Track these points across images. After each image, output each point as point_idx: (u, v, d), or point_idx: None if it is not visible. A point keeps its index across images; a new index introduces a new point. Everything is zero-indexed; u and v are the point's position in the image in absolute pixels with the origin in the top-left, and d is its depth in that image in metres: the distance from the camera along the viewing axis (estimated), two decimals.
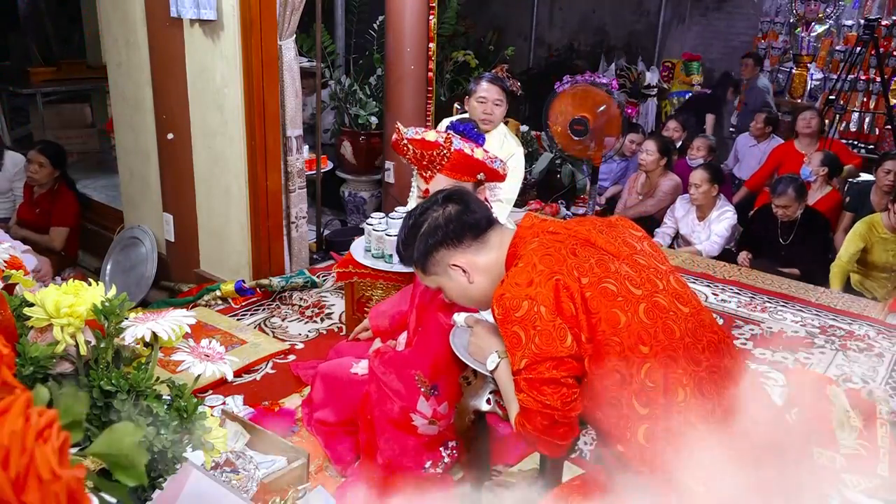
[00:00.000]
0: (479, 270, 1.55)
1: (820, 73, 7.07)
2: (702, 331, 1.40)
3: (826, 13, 7.01)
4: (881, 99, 6.37)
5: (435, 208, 1.57)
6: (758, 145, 5.74)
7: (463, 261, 1.54)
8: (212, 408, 2.20)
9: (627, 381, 1.32)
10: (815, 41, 7.10)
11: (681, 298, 1.42)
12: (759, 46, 7.36)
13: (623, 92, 6.76)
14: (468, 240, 1.55)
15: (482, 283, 1.55)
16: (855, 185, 4.90)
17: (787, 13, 7.21)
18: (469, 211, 1.57)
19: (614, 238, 1.48)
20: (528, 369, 1.34)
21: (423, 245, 1.57)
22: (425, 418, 1.98)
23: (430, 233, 1.56)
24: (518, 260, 1.46)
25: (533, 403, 1.35)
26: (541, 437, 1.37)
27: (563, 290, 1.34)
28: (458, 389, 1.99)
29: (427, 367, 1.97)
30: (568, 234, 1.47)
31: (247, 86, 3.23)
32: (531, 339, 1.33)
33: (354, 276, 2.86)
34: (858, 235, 3.91)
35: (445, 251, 1.55)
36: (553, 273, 1.36)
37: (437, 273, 1.58)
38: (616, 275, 1.39)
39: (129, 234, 4.06)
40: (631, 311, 1.34)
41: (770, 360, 3.08)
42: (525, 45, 8.48)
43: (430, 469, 2.02)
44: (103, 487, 0.72)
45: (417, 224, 1.58)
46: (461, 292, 1.59)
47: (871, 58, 6.16)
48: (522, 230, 1.53)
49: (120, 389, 0.84)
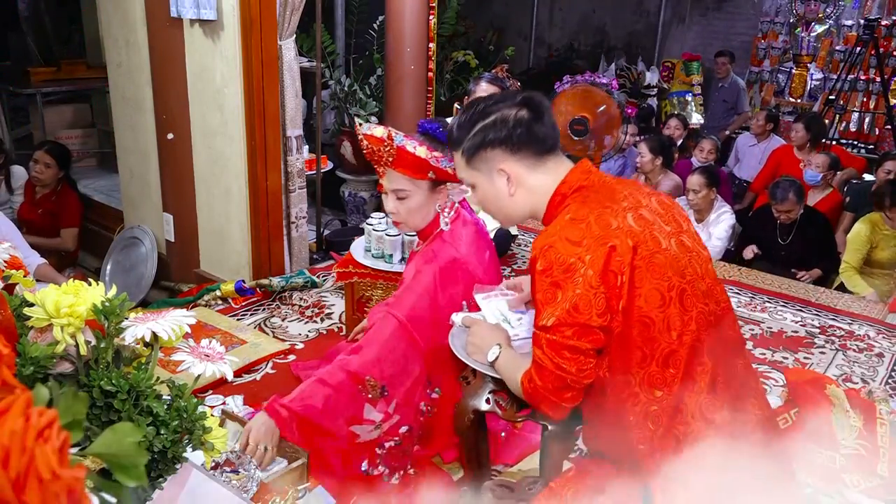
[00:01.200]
0: (524, 187, 1.46)
1: (820, 73, 7.07)
2: (725, 329, 1.40)
3: (826, 13, 7.01)
4: (881, 99, 6.37)
5: (509, 104, 1.45)
6: (758, 144, 5.74)
7: (514, 170, 1.45)
8: (212, 408, 2.19)
9: (648, 360, 1.31)
10: (815, 41, 7.10)
11: (713, 293, 1.41)
12: (759, 46, 7.36)
13: (623, 92, 6.76)
14: (528, 152, 1.44)
15: (520, 202, 1.48)
16: (855, 185, 4.91)
17: (787, 13, 7.21)
18: (541, 123, 1.45)
19: (667, 212, 1.44)
20: (555, 329, 1.31)
21: (481, 137, 1.46)
22: (372, 424, 1.96)
23: (493, 127, 1.44)
24: (566, 207, 1.40)
25: (549, 363, 1.32)
26: (548, 397, 1.35)
27: (615, 260, 1.29)
28: (410, 384, 2.01)
29: (373, 367, 1.94)
30: (627, 196, 1.40)
31: (247, 86, 3.23)
32: (568, 299, 1.29)
33: (354, 276, 2.86)
34: (864, 237, 3.89)
35: (501, 152, 1.45)
36: (608, 238, 1.30)
37: (480, 171, 1.49)
38: (666, 252, 1.35)
39: (129, 234, 4.06)
40: (671, 295, 1.31)
41: (770, 360, 3.08)
42: (525, 45, 8.48)
43: (370, 470, 2.00)
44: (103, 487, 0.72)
45: (484, 113, 1.46)
46: (495, 200, 1.50)
47: (871, 58, 6.16)
48: (578, 174, 1.45)
49: (120, 389, 0.84)
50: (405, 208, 2.09)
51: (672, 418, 1.32)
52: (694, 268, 1.38)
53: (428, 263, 2.05)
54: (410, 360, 2.00)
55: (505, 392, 1.65)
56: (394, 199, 2.09)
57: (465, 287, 2.02)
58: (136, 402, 0.85)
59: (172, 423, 0.85)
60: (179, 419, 0.87)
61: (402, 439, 2.04)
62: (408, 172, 2.05)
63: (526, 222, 4.67)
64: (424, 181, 2.07)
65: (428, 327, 2.00)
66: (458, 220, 2.14)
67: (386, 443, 2.01)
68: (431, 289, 2.00)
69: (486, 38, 7.09)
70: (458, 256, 2.05)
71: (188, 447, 0.88)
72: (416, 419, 2.06)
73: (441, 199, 2.13)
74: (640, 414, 1.33)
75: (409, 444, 2.06)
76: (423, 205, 2.09)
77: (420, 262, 2.08)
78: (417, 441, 2.10)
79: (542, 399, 1.37)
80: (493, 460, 2.10)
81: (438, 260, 2.04)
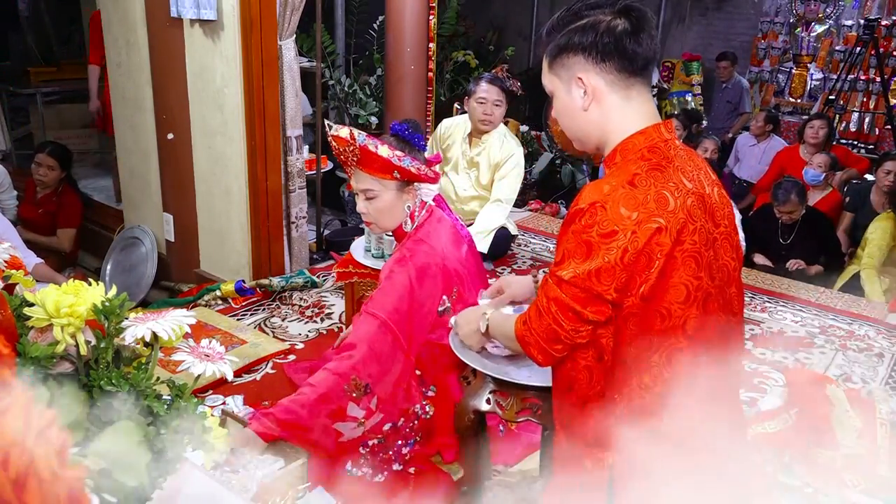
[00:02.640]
0: (601, 104, 1.33)
1: (820, 73, 7.07)
2: (732, 342, 1.37)
3: (826, 13, 7.01)
4: (881, 99, 6.38)
5: (606, 11, 1.32)
6: (758, 145, 5.75)
7: (593, 83, 1.32)
8: (212, 408, 2.19)
9: (653, 350, 1.28)
10: (815, 41, 7.10)
11: (733, 303, 1.37)
12: (759, 46, 7.36)
13: None
14: (613, 65, 1.31)
15: (593, 120, 1.35)
16: (855, 186, 4.91)
17: (787, 13, 7.21)
18: (635, 39, 1.30)
19: (722, 208, 1.37)
20: (567, 285, 1.26)
21: (566, 40, 1.33)
22: (355, 421, 1.97)
23: (582, 31, 1.31)
24: (634, 163, 1.29)
25: (549, 317, 1.30)
26: (539, 342, 1.33)
27: (657, 244, 1.22)
28: (393, 381, 2.03)
29: (358, 366, 1.96)
30: (695, 178, 1.32)
31: (247, 86, 3.23)
32: (594, 262, 1.23)
33: (354, 276, 2.86)
34: (889, 234, 3.87)
35: (583, 60, 1.32)
36: (658, 216, 1.22)
37: (560, 77, 1.37)
38: (706, 251, 1.28)
39: (129, 234, 4.06)
40: (695, 296, 1.26)
41: (770, 360, 3.08)
42: (525, 45, 8.48)
43: (354, 470, 2.01)
44: (103, 487, 0.72)
45: (578, 15, 1.34)
46: (568, 113, 1.39)
47: (871, 58, 6.16)
48: (659, 132, 1.33)
49: (120, 389, 0.84)
50: (374, 208, 2.13)
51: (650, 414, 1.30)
52: (726, 273, 1.34)
53: (401, 263, 2.09)
54: (393, 358, 2.03)
55: (505, 392, 1.66)
56: (363, 199, 2.14)
57: (444, 282, 2.08)
58: (136, 403, 0.85)
59: (172, 423, 0.85)
60: (179, 419, 0.87)
61: (385, 437, 2.05)
62: (374, 172, 2.09)
63: (526, 223, 4.67)
64: (391, 181, 2.11)
65: (409, 325, 2.04)
66: (432, 217, 2.19)
67: (369, 441, 2.02)
68: (408, 287, 2.03)
69: (486, 38, 7.10)
70: (433, 253, 2.09)
71: (188, 447, 0.88)
72: (399, 416, 2.08)
73: (410, 199, 2.16)
74: (624, 398, 1.31)
75: (392, 442, 2.07)
76: (393, 205, 2.13)
77: (392, 263, 2.12)
78: (406, 442, 2.12)
79: (532, 344, 1.35)
80: (493, 460, 2.10)
81: (414, 259, 2.08)
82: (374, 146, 2.05)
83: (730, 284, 1.35)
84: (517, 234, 4.10)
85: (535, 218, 4.87)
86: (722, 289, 1.33)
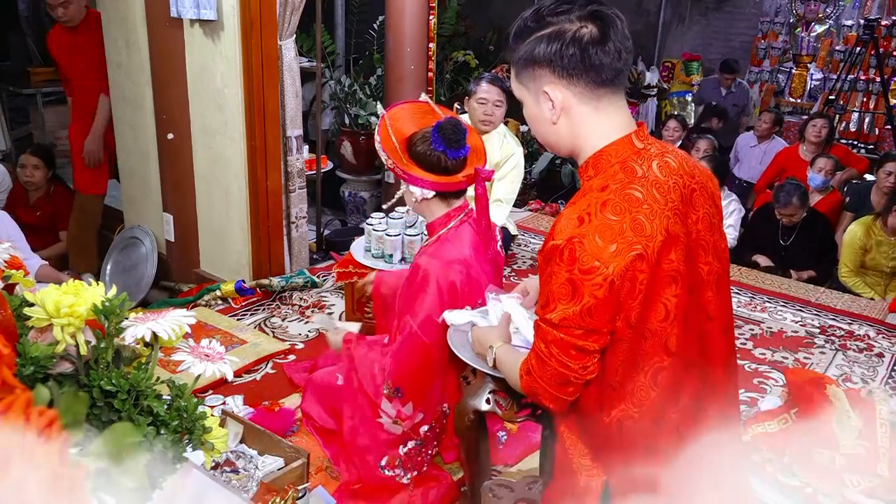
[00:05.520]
0: (570, 117, 1.28)
1: (820, 73, 7.07)
2: (713, 350, 1.34)
3: (826, 13, 7.01)
4: (881, 99, 6.37)
5: (572, 18, 1.23)
6: (758, 145, 5.74)
7: (560, 96, 1.26)
8: (212, 408, 2.20)
9: (638, 370, 1.27)
10: (815, 41, 7.10)
11: (708, 308, 1.33)
12: (759, 46, 7.36)
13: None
14: (580, 80, 1.24)
15: (564, 133, 1.31)
16: (855, 186, 4.90)
17: (787, 13, 7.21)
18: (602, 48, 1.22)
19: (704, 203, 1.30)
20: (561, 327, 1.24)
21: (532, 49, 1.26)
22: (389, 417, 2.02)
23: (547, 40, 1.24)
24: (607, 180, 1.24)
25: (554, 361, 1.27)
26: (548, 391, 1.31)
27: (639, 271, 1.19)
28: (426, 391, 2.04)
29: (392, 371, 2.00)
30: (674, 187, 1.26)
31: (247, 86, 3.23)
32: (582, 301, 1.20)
33: (354, 276, 2.86)
34: (858, 241, 3.89)
35: (549, 73, 1.25)
36: (636, 243, 1.19)
37: (528, 88, 1.31)
38: (685, 265, 1.24)
39: (129, 234, 4.06)
40: (675, 313, 1.24)
41: (770, 360, 3.08)
42: None
43: (387, 470, 2.04)
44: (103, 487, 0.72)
45: (543, 22, 1.26)
46: (538, 124, 1.34)
47: (871, 58, 6.16)
48: (630, 144, 1.27)
49: (120, 389, 0.83)
50: (407, 200, 2.12)
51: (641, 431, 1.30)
52: (699, 279, 1.30)
53: (429, 266, 2.05)
54: (425, 364, 2.02)
55: (505, 392, 1.65)
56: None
57: (470, 288, 2.03)
58: (136, 402, 0.85)
59: (172, 423, 0.85)
60: (179, 419, 0.87)
61: (424, 440, 2.08)
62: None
63: (526, 223, 4.67)
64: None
65: (438, 330, 2.00)
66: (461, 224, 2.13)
67: (409, 441, 2.05)
68: (436, 292, 2.00)
69: (486, 38, 7.09)
70: (458, 258, 2.05)
71: (188, 447, 0.88)
72: (438, 419, 2.10)
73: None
74: (608, 415, 1.31)
75: (429, 445, 2.10)
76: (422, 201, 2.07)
77: (423, 261, 2.08)
78: (435, 444, 2.14)
79: (541, 392, 1.33)
80: (493, 460, 2.10)
81: (440, 259, 2.04)
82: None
83: (705, 289, 1.31)
84: (517, 234, 4.10)
85: (535, 218, 4.87)
86: (697, 298, 1.30)
